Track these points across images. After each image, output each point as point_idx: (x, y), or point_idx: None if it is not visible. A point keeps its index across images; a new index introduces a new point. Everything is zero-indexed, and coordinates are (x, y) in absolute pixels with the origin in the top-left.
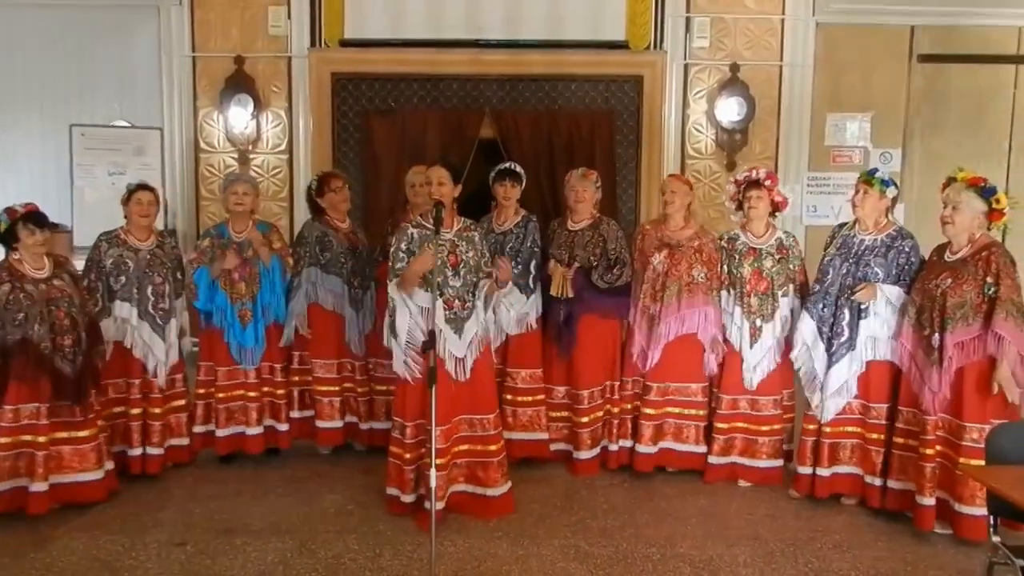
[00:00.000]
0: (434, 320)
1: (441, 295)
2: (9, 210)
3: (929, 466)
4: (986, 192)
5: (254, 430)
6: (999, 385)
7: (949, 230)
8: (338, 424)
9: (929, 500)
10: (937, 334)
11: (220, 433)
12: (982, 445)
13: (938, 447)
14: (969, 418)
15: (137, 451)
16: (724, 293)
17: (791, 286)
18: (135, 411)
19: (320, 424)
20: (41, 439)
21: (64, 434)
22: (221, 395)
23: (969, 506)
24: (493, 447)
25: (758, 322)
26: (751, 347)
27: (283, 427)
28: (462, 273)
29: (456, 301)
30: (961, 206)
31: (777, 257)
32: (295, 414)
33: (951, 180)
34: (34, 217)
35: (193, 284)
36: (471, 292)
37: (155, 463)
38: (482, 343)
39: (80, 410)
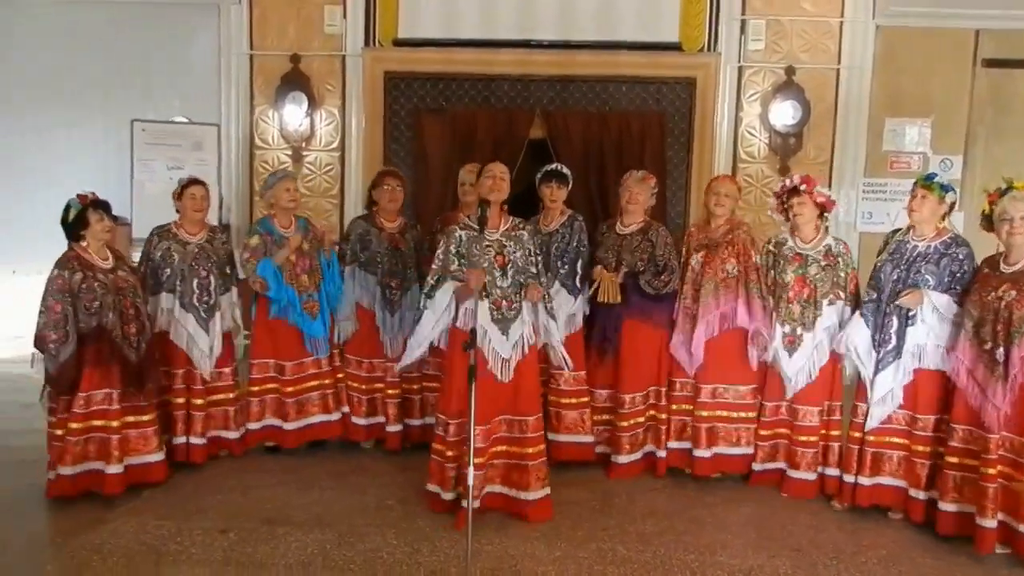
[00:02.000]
0: (476, 319)
1: (489, 295)
2: (80, 196)
3: (991, 487)
4: None
5: (335, 416)
6: None
7: (1019, 240)
8: (362, 421)
9: (991, 522)
10: (1002, 348)
11: (288, 427)
12: None
13: (1000, 467)
14: None
15: (180, 439)
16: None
17: (843, 294)
18: (179, 400)
19: (352, 419)
20: (114, 423)
21: (131, 418)
22: (290, 389)
23: None
24: (531, 450)
25: (798, 330)
26: (790, 356)
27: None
28: (510, 273)
29: (503, 301)
30: None
31: (823, 264)
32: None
33: (1004, 191)
34: (103, 203)
35: (260, 278)
36: (518, 292)
37: (199, 452)
38: (528, 345)
39: (144, 395)
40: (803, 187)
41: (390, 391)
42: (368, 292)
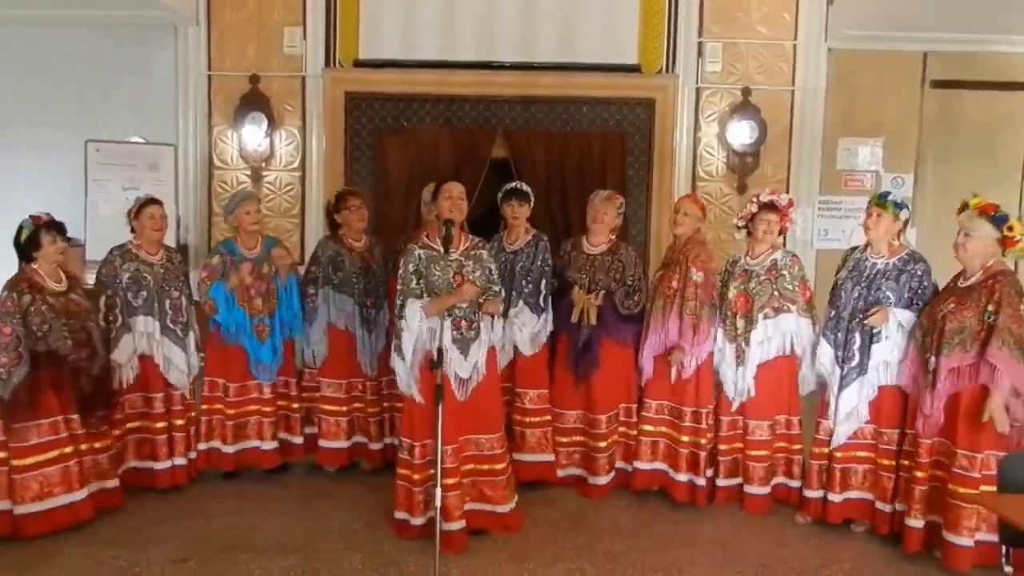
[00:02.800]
0: (441, 338)
1: (450, 315)
2: (34, 217)
3: (919, 488)
4: (998, 220)
5: (269, 444)
6: (991, 415)
7: (962, 256)
8: (343, 444)
9: (916, 522)
10: (933, 357)
11: (227, 449)
12: (972, 473)
13: (932, 471)
14: (961, 445)
15: (165, 464)
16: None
17: (792, 306)
18: (159, 424)
19: (323, 443)
20: (68, 450)
21: (85, 445)
22: (231, 411)
23: (955, 535)
24: (499, 466)
25: (742, 344)
26: (735, 369)
27: (298, 440)
28: None
29: (463, 321)
30: (973, 233)
31: (763, 278)
32: (308, 430)
33: (965, 205)
34: (57, 225)
35: (211, 299)
36: (476, 312)
37: (182, 474)
38: (486, 364)
39: (94, 423)
40: (790, 209)
41: (370, 409)
42: (345, 313)
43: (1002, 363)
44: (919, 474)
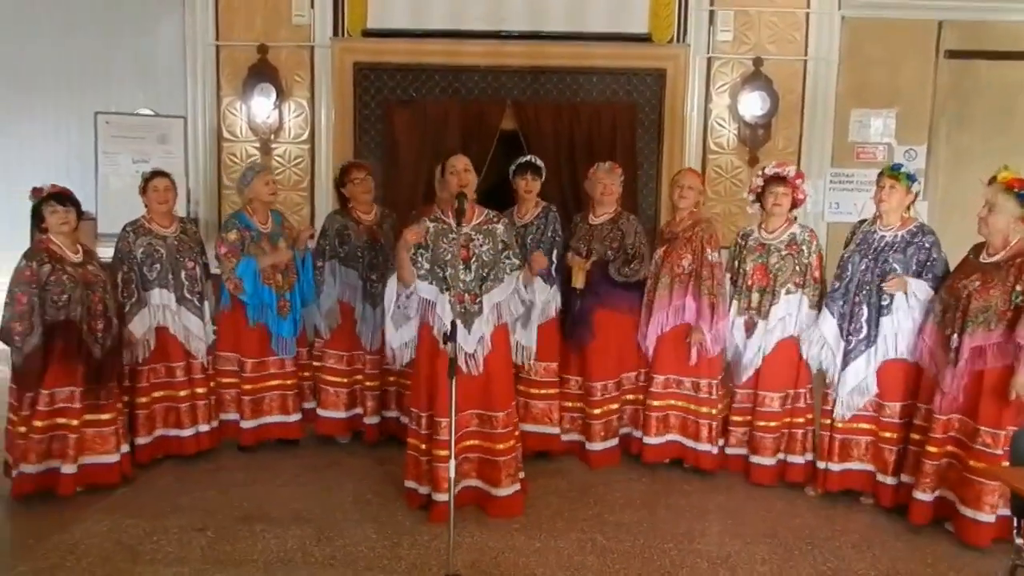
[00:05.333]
0: (452, 313)
1: (451, 289)
2: (36, 189)
3: (930, 463)
4: (1022, 197)
5: (293, 417)
6: (1017, 393)
7: (983, 230)
8: (341, 415)
9: (925, 496)
10: (956, 335)
11: (246, 424)
12: (995, 450)
13: (948, 447)
14: (984, 422)
15: (190, 431)
16: (731, 287)
17: (808, 283)
18: (182, 393)
19: (321, 412)
20: (74, 422)
21: (91, 416)
22: (248, 387)
23: (974, 510)
24: (501, 446)
25: (755, 318)
26: (748, 341)
27: (311, 405)
28: (473, 268)
29: (466, 295)
30: (996, 208)
31: (784, 253)
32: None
33: (994, 178)
34: (56, 196)
35: (237, 278)
36: (481, 287)
37: (207, 439)
38: (496, 341)
39: (104, 393)
40: (798, 181)
41: (368, 383)
42: (349, 287)
43: None
44: (932, 449)
